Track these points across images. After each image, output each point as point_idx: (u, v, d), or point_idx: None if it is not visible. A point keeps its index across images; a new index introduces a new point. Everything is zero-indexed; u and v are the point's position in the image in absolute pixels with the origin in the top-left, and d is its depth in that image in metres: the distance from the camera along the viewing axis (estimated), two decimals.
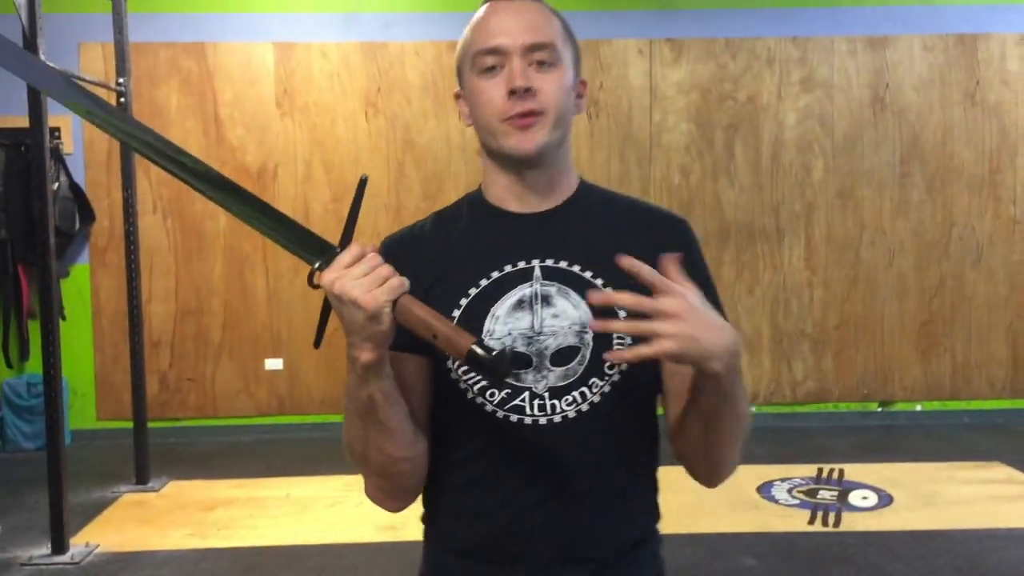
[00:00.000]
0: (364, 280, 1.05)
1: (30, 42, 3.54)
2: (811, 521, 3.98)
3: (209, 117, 5.45)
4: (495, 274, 1.23)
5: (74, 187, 5.30)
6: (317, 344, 1.16)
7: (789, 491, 4.37)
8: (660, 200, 5.58)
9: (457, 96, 1.29)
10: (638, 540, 1.27)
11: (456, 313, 1.22)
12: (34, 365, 5.36)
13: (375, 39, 5.47)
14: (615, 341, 1.20)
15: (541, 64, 1.19)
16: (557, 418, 1.20)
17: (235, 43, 5.44)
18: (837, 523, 3.95)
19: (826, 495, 4.30)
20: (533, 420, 1.21)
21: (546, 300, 1.22)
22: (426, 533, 1.33)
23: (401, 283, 1.07)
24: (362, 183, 1.12)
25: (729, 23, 5.58)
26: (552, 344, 1.20)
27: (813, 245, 5.68)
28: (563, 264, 1.23)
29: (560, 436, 1.21)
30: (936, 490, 4.37)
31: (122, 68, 4.51)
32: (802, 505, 4.17)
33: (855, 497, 4.27)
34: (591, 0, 5.54)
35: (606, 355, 1.04)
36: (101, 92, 5.12)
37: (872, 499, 4.25)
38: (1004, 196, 5.69)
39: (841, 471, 4.64)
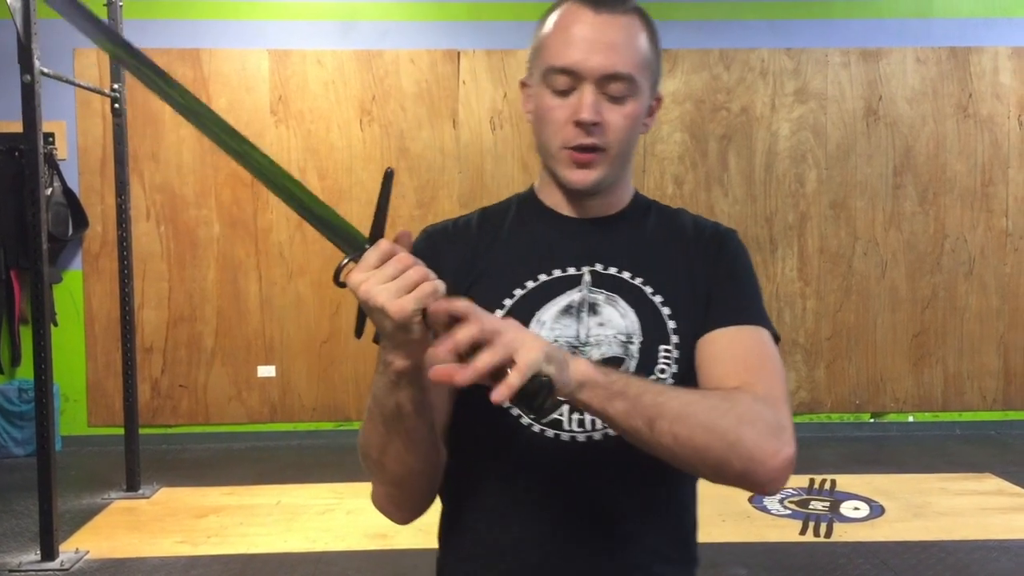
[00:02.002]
0: (391, 285, 0.92)
1: (25, 47, 3.54)
2: (802, 531, 3.98)
3: None
4: (543, 277, 1.18)
5: (67, 193, 5.29)
6: (358, 334, 1.00)
7: (781, 501, 4.37)
8: None
9: (523, 84, 1.21)
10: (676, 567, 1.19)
11: (499, 313, 1.14)
12: (25, 371, 5.33)
13: (370, 47, 5.48)
14: (661, 355, 1.13)
15: (614, 98, 1.12)
16: (597, 435, 1.12)
17: (231, 50, 5.44)
18: (828, 533, 3.95)
19: (818, 505, 4.31)
20: (571, 436, 1.12)
21: (593, 308, 1.15)
22: (444, 557, 1.23)
23: (434, 289, 0.93)
24: (388, 176, 1.03)
25: (723, 34, 5.60)
26: (596, 355, 1.12)
27: (806, 256, 5.69)
28: (613, 270, 1.17)
29: (599, 456, 1.11)
30: (927, 501, 4.37)
31: (117, 74, 4.51)
32: (794, 515, 4.18)
33: (846, 508, 4.27)
34: None
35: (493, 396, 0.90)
36: (96, 98, 5.13)
37: (863, 510, 4.25)
38: (996, 208, 5.72)
39: (833, 482, 4.65)
